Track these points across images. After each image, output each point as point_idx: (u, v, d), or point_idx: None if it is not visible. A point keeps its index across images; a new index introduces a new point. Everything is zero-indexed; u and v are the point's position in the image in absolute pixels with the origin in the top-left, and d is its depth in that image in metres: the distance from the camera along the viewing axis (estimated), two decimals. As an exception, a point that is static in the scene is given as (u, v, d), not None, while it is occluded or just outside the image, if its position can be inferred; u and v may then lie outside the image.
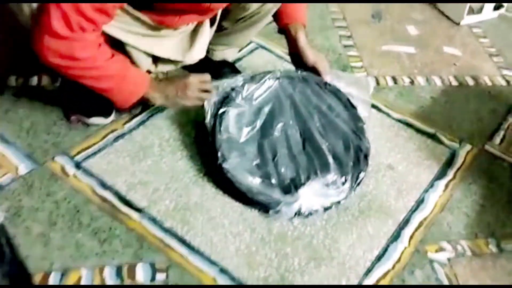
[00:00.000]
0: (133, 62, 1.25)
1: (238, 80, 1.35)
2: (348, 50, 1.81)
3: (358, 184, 1.28)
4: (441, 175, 1.40)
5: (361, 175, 1.28)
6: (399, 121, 1.55)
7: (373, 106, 1.58)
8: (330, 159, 1.27)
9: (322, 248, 1.18)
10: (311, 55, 1.37)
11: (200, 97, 1.29)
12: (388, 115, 1.56)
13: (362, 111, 1.39)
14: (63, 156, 1.27)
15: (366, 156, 1.31)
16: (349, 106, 1.39)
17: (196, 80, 1.29)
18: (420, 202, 1.33)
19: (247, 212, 1.22)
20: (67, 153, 1.27)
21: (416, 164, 1.42)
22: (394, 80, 1.71)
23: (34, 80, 1.45)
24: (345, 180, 1.25)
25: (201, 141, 1.31)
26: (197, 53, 1.35)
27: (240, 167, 1.22)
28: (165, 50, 1.31)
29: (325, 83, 1.40)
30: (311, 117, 1.34)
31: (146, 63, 1.33)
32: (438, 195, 1.35)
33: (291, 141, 1.30)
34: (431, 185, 1.37)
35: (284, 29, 1.38)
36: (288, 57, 1.47)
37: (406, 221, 1.27)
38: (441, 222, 1.29)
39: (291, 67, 1.48)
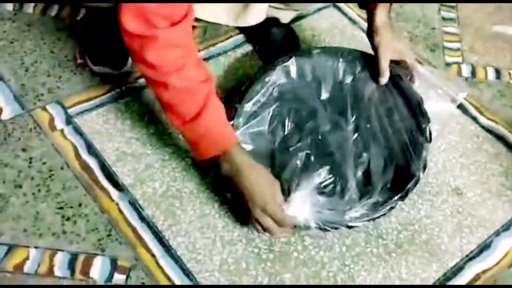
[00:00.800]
0: None
1: None
2: (446, 25, 1.42)
3: (378, 216, 0.94)
4: (525, 215, 1.05)
5: (385, 205, 0.94)
6: (488, 130, 1.18)
7: (458, 105, 1.21)
8: (351, 174, 0.98)
9: (331, 284, 0.91)
10: (380, 35, 1.03)
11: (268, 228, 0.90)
12: (475, 119, 1.20)
13: (436, 124, 1.04)
14: (56, 106, 1.08)
15: (404, 187, 0.96)
16: (418, 113, 1.02)
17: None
18: (485, 247, 0.99)
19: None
20: (62, 103, 1.09)
21: (495, 194, 1.07)
22: (498, 73, 1.32)
23: (54, 10, 1.26)
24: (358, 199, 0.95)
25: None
26: (255, 16, 1.09)
27: None
28: (213, 12, 1.06)
29: (398, 75, 1.06)
30: (359, 118, 1.05)
31: None
32: (514, 243, 1.01)
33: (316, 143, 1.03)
34: (508, 226, 1.03)
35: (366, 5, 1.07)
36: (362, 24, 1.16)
37: (457, 270, 0.95)
38: (505, 281, 0.95)
39: (362, 37, 1.16)
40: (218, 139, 0.91)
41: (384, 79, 1.04)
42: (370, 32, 1.05)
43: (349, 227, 0.93)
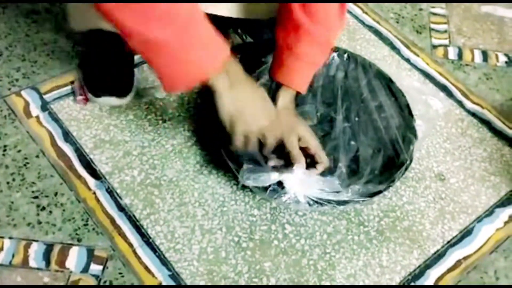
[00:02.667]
0: None
1: None
2: (433, 6, 1.40)
3: (370, 195, 0.94)
4: (508, 201, 1.04)
5: (374, 187, 0.95)
6: (474, 114, 1.17)
7: (444, 88, 1.21)
8: (341, 158, 0.98)
9: (311, 272, 0.90)
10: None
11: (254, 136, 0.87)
12: (460, 103, 1.19)
13: (422, 125, 1.06)
14: (32, 91, 1.05)
15: (392, 174, 0.97)
16: (407, 113, 1.06)
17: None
18: (466, 233, 0.99)
19: (229, 204, 0.96)
20: (37, 88, 1.06)
21: (478, 179, 1.06)
22: (485, 55, 1.30)
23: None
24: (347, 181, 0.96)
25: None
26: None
27: None
28: (221, 7, 0.98)
29: (389, 79, 1.10)
30: (348, 110, 1.06)
31: None
32: (495, 228, 1.00)
33: None
34: (490, 212, 1.02)
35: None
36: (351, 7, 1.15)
37: (438, 257, 0.95)
38: (486, 267, 0.95)
39: (348, 19, 1.14)
40: (218, 47, 0.80)
41: (300, 165, 0.91)
42: None
43: (337, 204, 0.92)
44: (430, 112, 1.08)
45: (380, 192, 0.95)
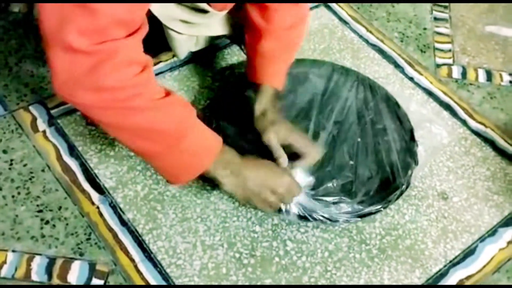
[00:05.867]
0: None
1: None
2: (438, 26, 1.41)
3: (362, 215, 0.95)
4: (511, 221, 1.03)
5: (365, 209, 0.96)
6: (477, 133, 1.17)
7: (447, 107, 1.21)
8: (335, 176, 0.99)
9: (312, 290, 0.91)
10: (260, 123, 0.97)
11: (277, 204, 0.90)
12: (464, 122, 1.19)
13: (424, 151, 1.06)
14: (39, 106, 1.07)
15: (387, 192, 0.98)
16: (409, 138, 1.07)
17: (294, 185, 0.90)
18: (469, 252, 0.98)
19: (231, 220, 0.96)
20: (45, 103, 1.08)
21: (482, 198, 1.06)
22: (489, 75, 1.30)
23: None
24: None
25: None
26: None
27: None
28: (222, 27, 1.08)
29: (396, 103, 1.12)
30: (352, 130, 1.07)
31: (188, 44, 1.08)
32: (498, 248, 0.99)
33: None
34: (493, 232, 1.02)
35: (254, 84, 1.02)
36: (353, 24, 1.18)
37: (440, 276, 0.95)
38: (489, 288, 0.95)
39: (352, 37, 1.15)
40: (212, 145, 0.84)
41: (282, 160, 0.93)
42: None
43: (330, 221, 0.94)
44: (434, 140, 1.08)
45: (370, 213, 0.96)
